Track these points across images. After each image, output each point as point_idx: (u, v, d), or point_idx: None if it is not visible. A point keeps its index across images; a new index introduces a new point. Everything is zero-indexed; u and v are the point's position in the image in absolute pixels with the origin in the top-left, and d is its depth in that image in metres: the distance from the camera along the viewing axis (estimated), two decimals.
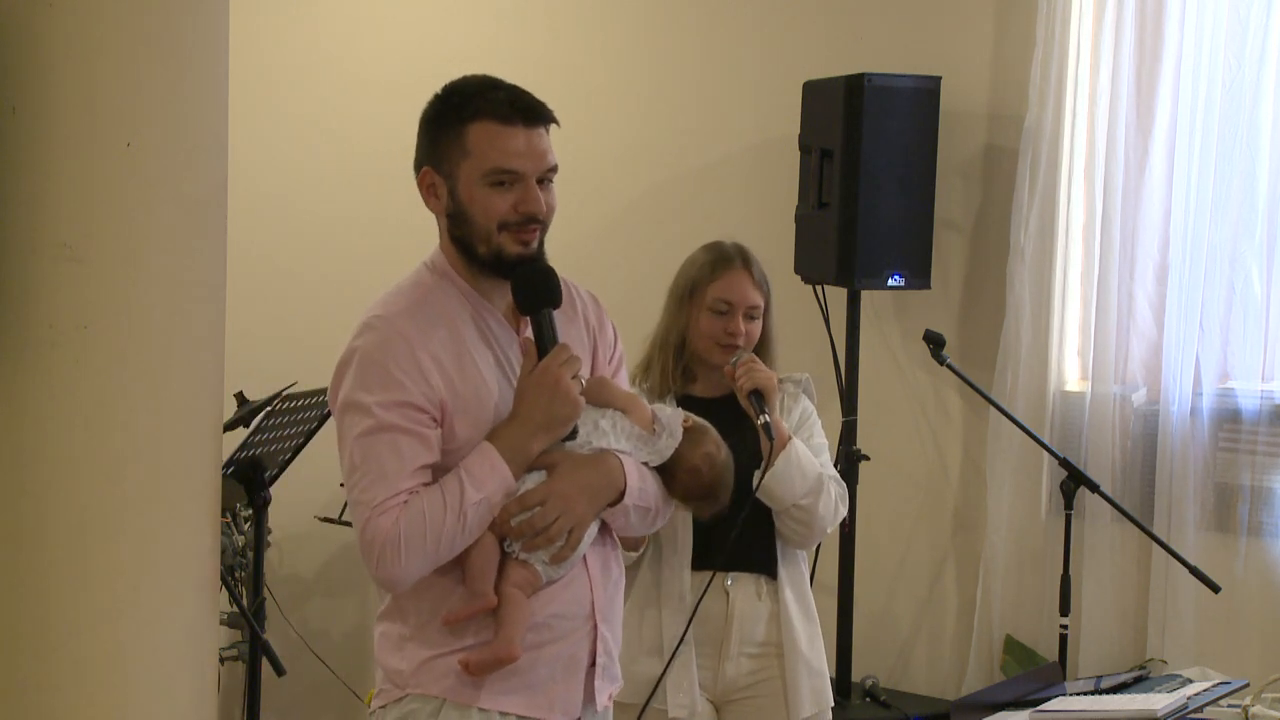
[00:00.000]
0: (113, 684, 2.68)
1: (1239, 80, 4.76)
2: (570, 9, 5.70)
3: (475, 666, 2.63)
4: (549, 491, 2.66)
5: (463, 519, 2.58)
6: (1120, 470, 4.90)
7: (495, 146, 2.65)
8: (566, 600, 2.73)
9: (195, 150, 2.76)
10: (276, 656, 3.89)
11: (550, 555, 2.67)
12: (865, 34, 5.26)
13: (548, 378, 2.64)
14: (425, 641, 2.68)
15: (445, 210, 2.70)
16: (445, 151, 2.68)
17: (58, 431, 2.65)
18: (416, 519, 2.55)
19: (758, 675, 3.60)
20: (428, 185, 2.71)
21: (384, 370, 2.59)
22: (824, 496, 3.55)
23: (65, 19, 2.61)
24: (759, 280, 3.64)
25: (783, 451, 3.51)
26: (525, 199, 2.67)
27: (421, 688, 2.67)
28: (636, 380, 3.72)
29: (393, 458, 2.57)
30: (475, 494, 2.58)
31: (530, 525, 2.64)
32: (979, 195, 5.19)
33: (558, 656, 2.72)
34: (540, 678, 2.71)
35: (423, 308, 2.67)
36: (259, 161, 5.48)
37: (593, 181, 5.62)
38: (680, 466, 2.84)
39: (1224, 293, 4.81)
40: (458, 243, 2.71)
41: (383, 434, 2.57)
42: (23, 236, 2.64)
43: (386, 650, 2.74)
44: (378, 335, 2.62)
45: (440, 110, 2.71)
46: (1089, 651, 4.89)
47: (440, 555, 2.60)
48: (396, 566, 2.56)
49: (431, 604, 2.67)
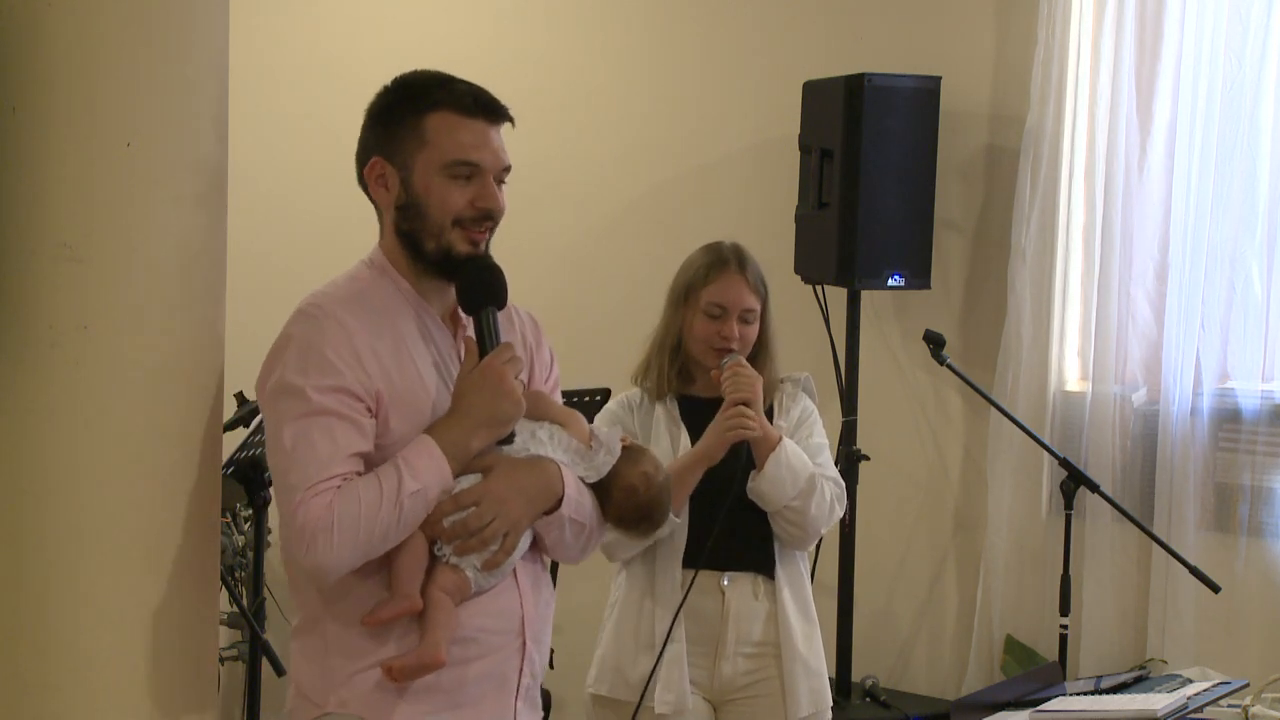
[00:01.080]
0: (113, 684, 2.67)
1: (1239, 80, 4.76)
2: (570, 9, 5.70)
3: (398, 672, 2.51)
4: (485, 491, 2.56)
5: (399, 508, 2.47)
6: (1120, 470, 4.90)
7: (456, 138, 2.61)
8: (495, 613, 2.62)
9: (195, 150, 2.76)
10: (276, 656, 3.90)
11: (482, 561, 2.57)
12: (865, 34, 5.26)
13: (491, 374, 2.57)
14: (344, 653, 2.56)
15: (395, 202, 2.63)
16: (399, 141, 2.61)
17: (58, 432, 2.65)
18: (351, 504, 2.44)
19: (754, 675, 3.60)
20: (376, 176, 2.64)
21: (320, 355, 2.51)
22: (816, 497, 3.54)
23: (65, 19, 2.61)
24: (754, 283, 3.62)
25: (772, 454, 3.51)
26: (483, 194, 2.61)
27: (340, 704, 2.56)
28: (637, 380, 3.72)
29: (326, 442, 2.47)
30: (413, 484, 2.48)
31: (464, 526, 2.54)
32: (979, 195, 5.20)
33: (487, 674, 2.62)
34: (469, 696, 2.61)
35: (361, 301, 2.60)
36: (259, 161, 5.48)
37: (593, 181, 5.63)
38: (616, 485, 2.75)
39: (1224, 293, 4.81)
40: (404, 237, 2.64)
41: (317, 418, 2.48)
42: (23, 236, 2.63)
43: (302, 664, 2.63)
44: (315, 322, 2.56)
45: (395, 99, 2.65)
46: (1089, 651, 4.89)
47: (372, 546, 2.48)
48: (328, 552, 2.44)
49: (351, 611, 2.55)
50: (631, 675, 3.57)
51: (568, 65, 5.60)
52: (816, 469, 3.58)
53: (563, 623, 4.63)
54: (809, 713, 3.59)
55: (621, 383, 3.81)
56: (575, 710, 4.08)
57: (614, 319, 5.41)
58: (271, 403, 2.55)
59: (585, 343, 5.44)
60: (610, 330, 5.38)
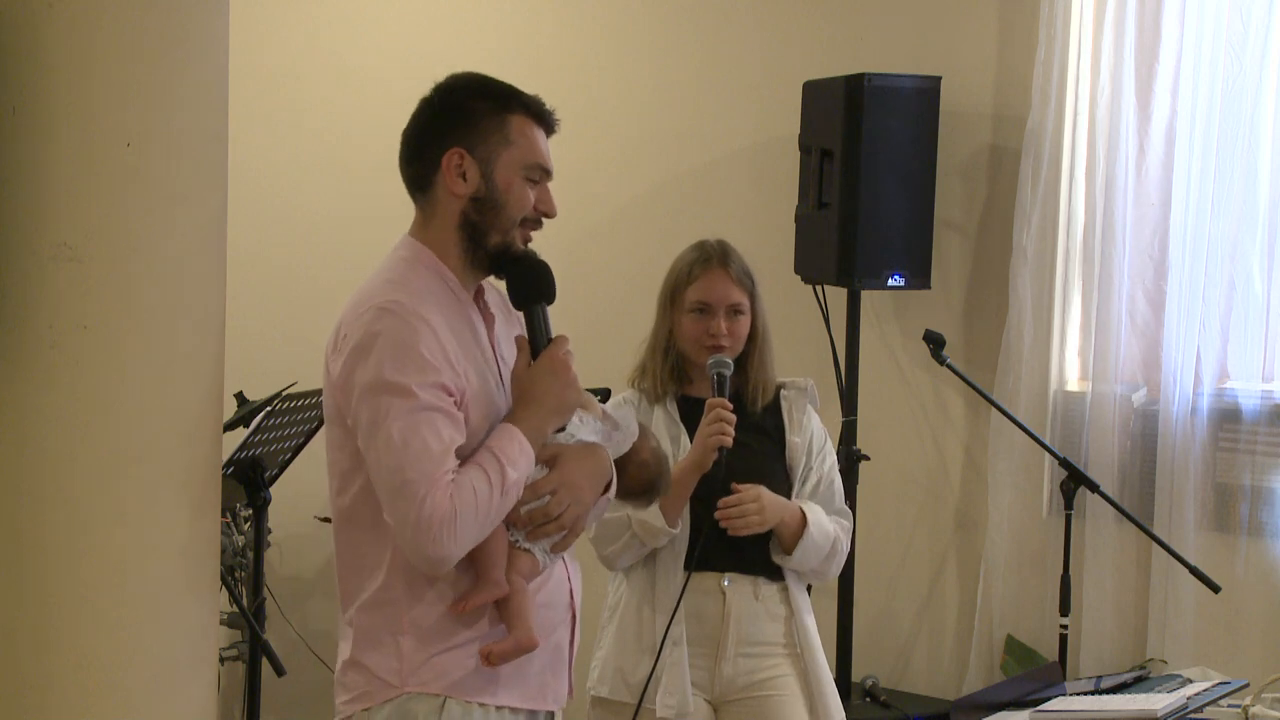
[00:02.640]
0: (113, 684, 2.68)
1: (1239, 80, 4.76)
2: (571, 9, 5.70)
3: (497, 657, 2.62)
4: (561, 479, 2.68)
5: (504, 496, 2.58)
6: (1120, 470, 4.90)
7: (535, 143, 2.72)
8: (550, 591, 2.76)
9: (195, 150, 2.76)
10: (276, 656, 3.90)
11: (552, 544, 2.70)
12: (865, 34, 5.26)
13: (558, 364, 2.69)
14: (424, 638, 2.64)
15: (472, 194, 2.68)
16: (483, 136, 2.68)
17: (58, 431, 2.65)
18: (468, 496, 2.53)
19: (755, 675, 3.60)
20: (455, 166, 2.67)
21: (415, 352, 2.56)
22: (836, 560, 3.63)
23: (65, 19, 2.61)
24: (739, 277, 3.62)
25: (799, 542, 3.55)
26: (546, 199, 2.74)
27: (421, 685, 2.64)
28: (634, 383, 3.72)
29: (435, 437, 2.54)
30: (514, 472, 2.59)
31: (544, 513, 2.66)
32: (980, 195, 5.19)
33: (548, 649, 2.75)
34: (535, 668, 2.73)
35: (426, 299, 2.65)
36: (259, 161, 5.48)
37: (593, 181, 5.62)
38: (632, 461, 2.89)
39: (1224, 292, 4.81)
40: (468, 229, 2.69)
41: (424, 413, 2.55)
42: (23, 236, 2.64)
43: (369, 648, 2.68)
44: (400, 320, 2.59)
45: (475, 96, 2.72)
46: (1089, 651, 4.89)
47: (483, 533, 2.58)
48: (452, 544, 2.52)
49: (433, 595, 2.64)
50: (633, 677, 3.56)
51: (567, 65, 5.60)
52: (832, 518, 3.62)
53: None
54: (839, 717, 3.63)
55: (620, 383, 3.81)
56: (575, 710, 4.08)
57: (613, 319, 5.41)
58: (370, 400, 2.57)
59: (584, 343, 5.40)
60: (609, 330, 5.37)
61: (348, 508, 2.69)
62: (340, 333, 2.65)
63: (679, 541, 3.57)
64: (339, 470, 2.69)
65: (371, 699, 2.67)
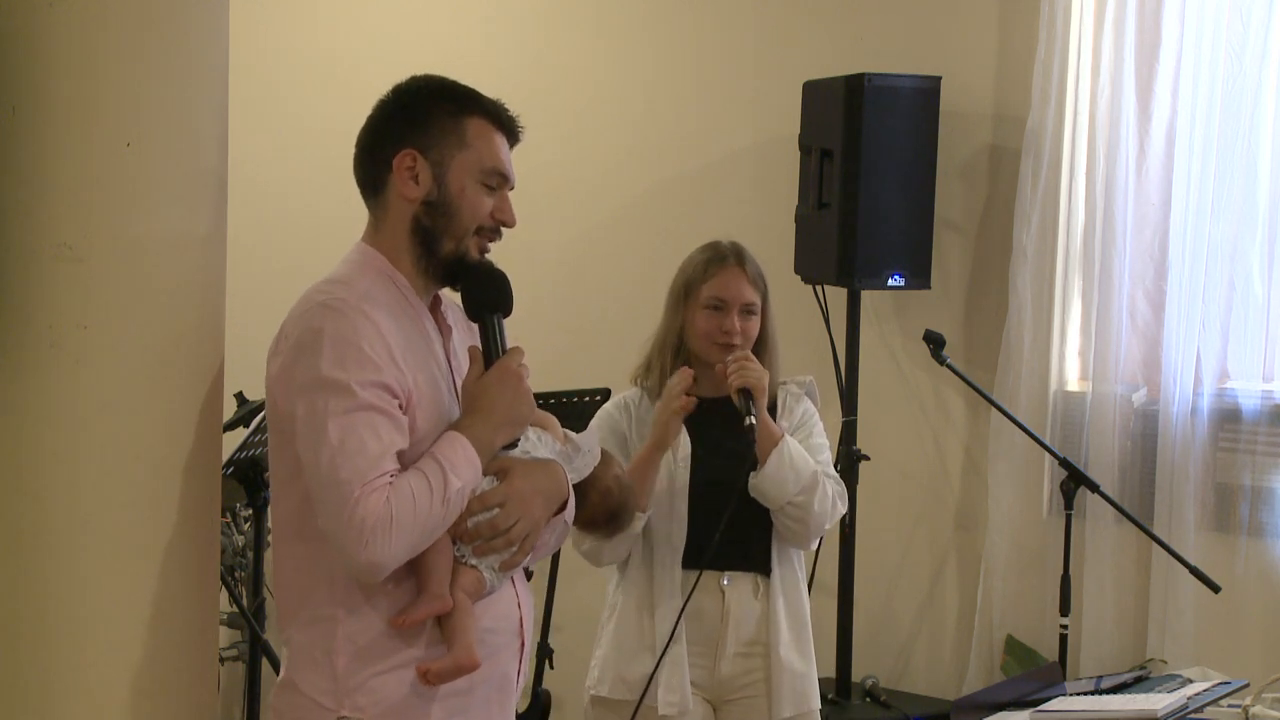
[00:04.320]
0: (113, 684, 2.67)
1: (1239, 80, 4.76)
2: (570, 9, 5.70)
3: (435, 675, 2.50)
4: (509, 492, 2.56)
5: (446, 505, 2.46)
6: (1120, 470, 4.90)
7: (493, 148, 2.63)
8: (497, 615, 2.62)
9: (195, 150, 2.76)
10: (276, 656, 3.90)
11: (500, 562, 2.58)
12: (865, 34, 5.26)
13: (510, 375, 2.58)
14: (360, 657, 2.52)
15: (424, 197, 2.59)
16: (437, 137, 2.60)
17: (58, 431, 2.65)
18: (406, 500, 2.42)
19: (749, 675, 3.60)
20: (407, 168, 2.59)
21: (358, 350, 2.46)
22: (819, 493, 3.55)
23: (65, 19, 2.61)
24: (754, 277, 3.63)
25: (774, 449, 3.51)
26: (504, 208, 2.65)
27: (357, 710, 2.51)
28: (638, 380, 3.72)
29: (373, 438, 2.43)
30: (457, 481, 2.47)
31: (491, 526, 2.54)
32: (980, 195, 5.19)
33: (492, 675, 2.62)
34: (478, 698, 2.61)
35: (373, 298, 2.55)
36: (259, 161, 5.48)
37: (593, 181, 5.63)
38: (594, 488, 2.79)
39: (1224, 293, 4.81)
40: (420, 234, 2.60)
41: (362, 413, 2.44)
42: (23, 236, 2.63)
43: (304, 668, 2.56)
44: (343, 317, 2.49)
45: (431, 96, 2.64)
46: (1089, 651, 4.89)
47: (421, 543, 2.46)
48: (386, 549, 2.40)
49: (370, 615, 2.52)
50: (631, 676, 3.57)
51: (567, 65, 5.60)
52: (819, 468, 3.58)
53: (563, 622, 4.65)
54: (791, 714, 3.59)
55: (620, 383, 3.81)
56: (575, 710, 4.08)
57: (614, 319, 5.41)
58: (307, 397, 2.47)
59: (585, 343, 5.45)
60: (610, 330, 5.38)
61: (285, 518, 2.60)
62: (282, 332, 2.57)
63: (676, 539, 3.57)
64: (277, 478, 2.59)
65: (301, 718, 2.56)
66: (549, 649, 4.51)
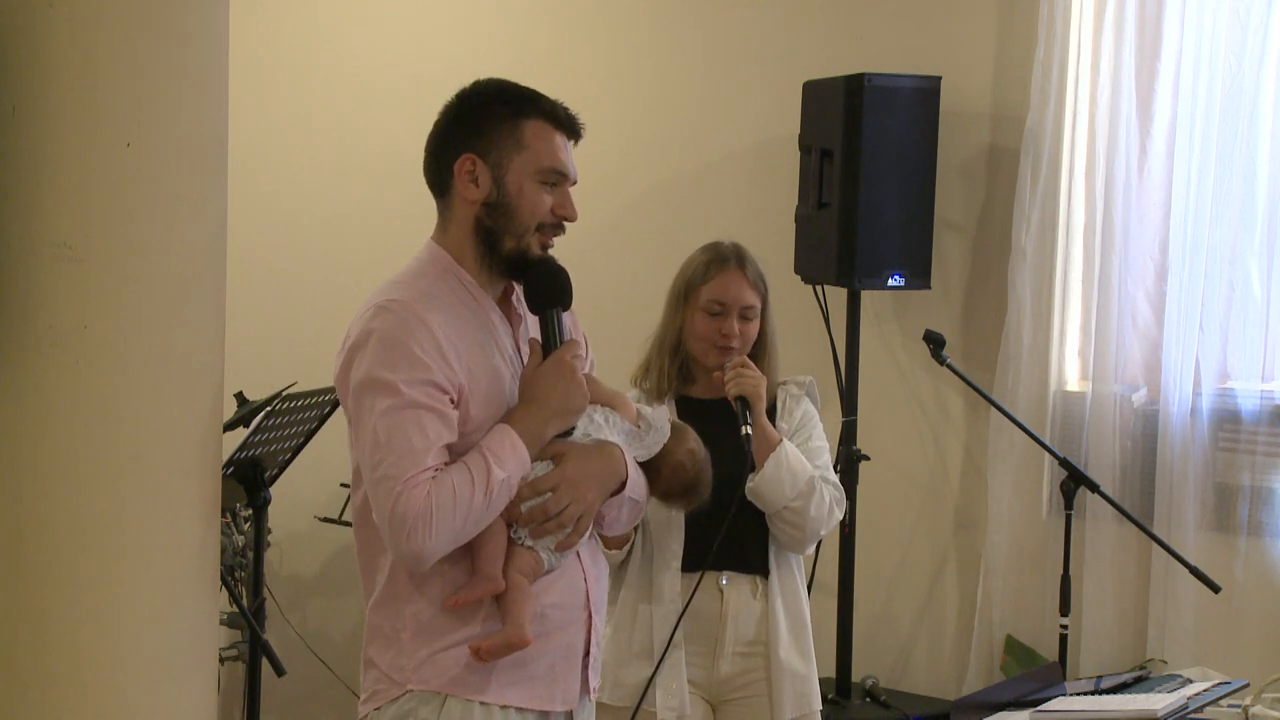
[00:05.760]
0: (113, 684, 2.68)
1: (1239, 80, 4.76)
2: (571, 9, 5.70)
3: (486, 652, 2.63)
4: (561, 477, 2.69)
5: (489, 496, 2.58)
6: (1120, 470, 4.90)
7: (551, 147, 2.75)
8: (562, 590, 2.75)
9: (195, 150, 2.76)
10: (276, 656, 3.89)
11: (556, 543, 2.70)
12: (865, 34, 5.26)
13: (564, 367, 2.70)
14: (423, 634, 2.67)
15: (484, 199, 2.71)
16: (495, 141, 2.71)
17: (58, 431, 2.65)
18: (447, 494, 2.55)
19: (748, 676, 3.60)
20: (466, 171, 2.71)
21: (406, 349, 2.59)
22: (815, 499, 3.54)
23: (65, 19, 2.61)
24: (754, 280, 3.63)
25: (772, 454, 3.51)
26: (565, 203, 2.80)
27: (423, 683, 2.66)
28: (636, 381, 3.72)
29: (419, 434, 2.56)
30: (500, 472, 2.59)
31: (543, 510, 2.67)
32: (980, 195, 5.19)
33: (557, 647, 2.74)
34: (542, 669, 2.73)
35: (432, 297, 2.68)
36: (259, 161, 5.48)
37: (593, 181, 5.57)
38: (666, 463, 2.90)
39: (1224, 293, 4.81)
40: (483, 233, 2.72)
41: (408, 410, 2.57)
42: (23, 236, 2.64)
43: (379, 645, 2.73)
44: (395, 317, 2.62)
45: (490, 100, 2.74)
46: (1089, 651, 4.89)
47: (466, 532, 2.59)
48: (427, 540, 2.54)
49: (434, 593, 2.66)
50: (629, 681, 3.56)
51: (567, 65, 5.59)
52: (816, 471, 3.58)
53: None
54: (792, 716, 3.59)
55: (621, 383, 3.80)
56: None
57: (613, 319, 5.38)
58: (357, 397, 2.62)
59: None
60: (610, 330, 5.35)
61: (360, 506, 2.72)
62: (346, 333, 2.69)
63: (674, 541, 3.56)
64: (353, 468, 2.73)
65: (380, 698, 2.71)
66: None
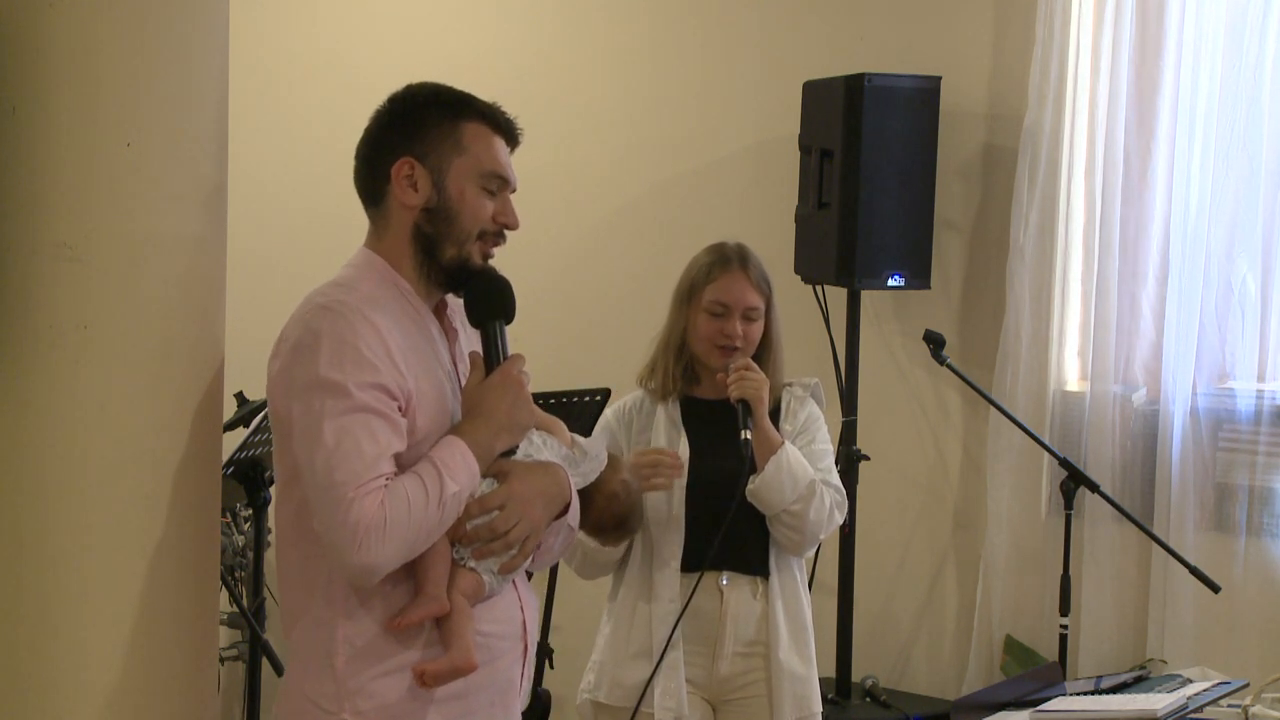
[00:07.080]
0: (113, 684, 2.67)
1: (1239, 80, 4.76)
2: (570, 10, 5.70)
3: (432, 677, 2.49)
4: (509, 494, 2.56)
5: (441, 509, 2.45)
6: (1120, 470, 4.90)
7: (491, 151, 2.63)
8: (498, 618, 2.62)
9: (195, 150, 2.76)
10: (276, 656, 3.90)
11: (500, 565, 2.57)
12: (865, 34, 5.26)
13: (511, 381, 2.58)
14: (359, 659, 2.52)
15: (424, 204, 2.59)
16: (434, 144, 2.59)
17: (58, 431, 2.65)
18: (401, 504, 2.41)
19: (748, 676, 3.60)
20: (405, 176, 2.59)
21: (356, 351, 2.45)
22: (815, 502, 3.53)
23: (65, 19, 2.61)
24: (758, 281, 3.62)
25: (772, 457, 3.50)
26: (506, 210, 2.64)
27: (357, 713, 2.51)
28: (642, 381, 3.71)
29: (369, 440, 2.43)
30: (453, 485, 2.46)
31: (490, 529, 2.54)
32: (979, 195, 5.20)
33: (495, 679, 2.61)
34: (482, 700, 2.60)
35: (376, 301, 2.55)
36: (259, 161, 5.48)
37: (593, 181, 5.63)
38: (600, 492, 2.79)
39: (1222, 292, 4.81)
40: (421, 240, 2.60)
41: (359, 415, 2.43)
42: (23, 236, 2.63)
43: (304, 671, 2.57)
44: (342, 318, 2.49)
45: (427, 103, 2.63)
46: (1089, 651, 4.89)
47: (417, 547, 2.45)
48: (380, 552, 2.39)
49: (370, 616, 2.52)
50: (628, 681, 3.56)
51: (567, 65, 5.60)
52: (817, 474, 3.57)
53: (562, 622, 4.64)
54: (793, 718, 3.59)
55: (621, 383, 3.81)
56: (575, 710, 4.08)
57: (614, 319, 5.41)
58: (305, 398, 2.47)
59: (585, 343, 5.45)
60: (610, 331, 5.38)
61: (286, 521, 2.60)
62: (282, 335, 2.57)
63: (674, 542, 3.56)
64: (279, 481, 2.60)
65: None
66: (549, 649, 4.50)
